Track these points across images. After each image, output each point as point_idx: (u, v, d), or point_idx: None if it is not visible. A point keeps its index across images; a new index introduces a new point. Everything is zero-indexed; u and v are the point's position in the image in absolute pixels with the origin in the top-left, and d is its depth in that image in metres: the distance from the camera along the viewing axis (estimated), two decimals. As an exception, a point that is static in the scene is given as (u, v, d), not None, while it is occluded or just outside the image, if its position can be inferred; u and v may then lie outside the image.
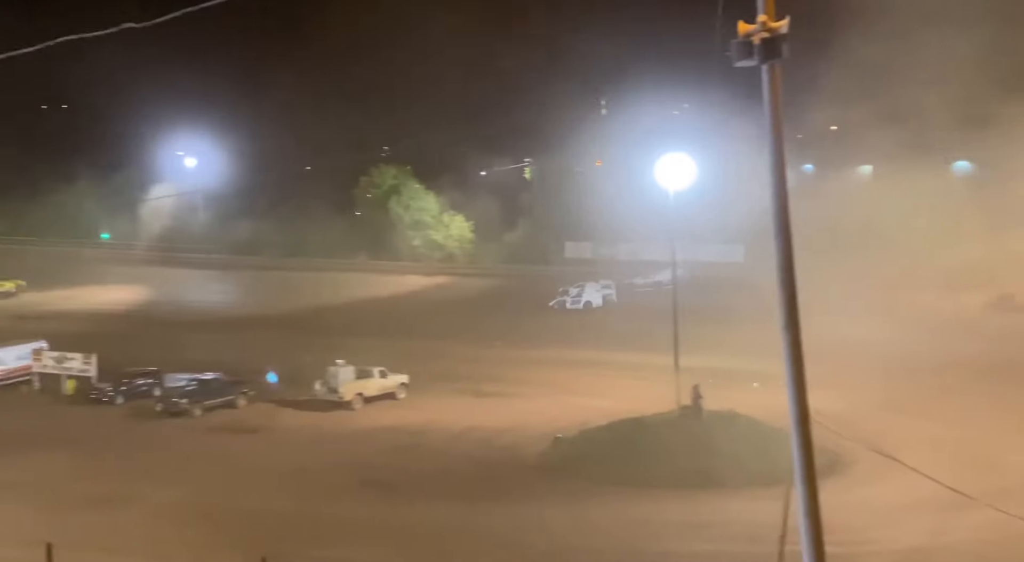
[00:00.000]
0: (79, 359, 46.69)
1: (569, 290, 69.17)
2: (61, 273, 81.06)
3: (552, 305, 68.34)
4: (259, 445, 38.42)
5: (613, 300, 69.36)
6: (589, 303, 68.24)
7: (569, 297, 68.45)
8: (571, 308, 67.61)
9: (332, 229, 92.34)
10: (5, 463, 34.81)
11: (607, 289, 70.43)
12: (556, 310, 67.37)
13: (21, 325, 59.97)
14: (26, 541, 25.12)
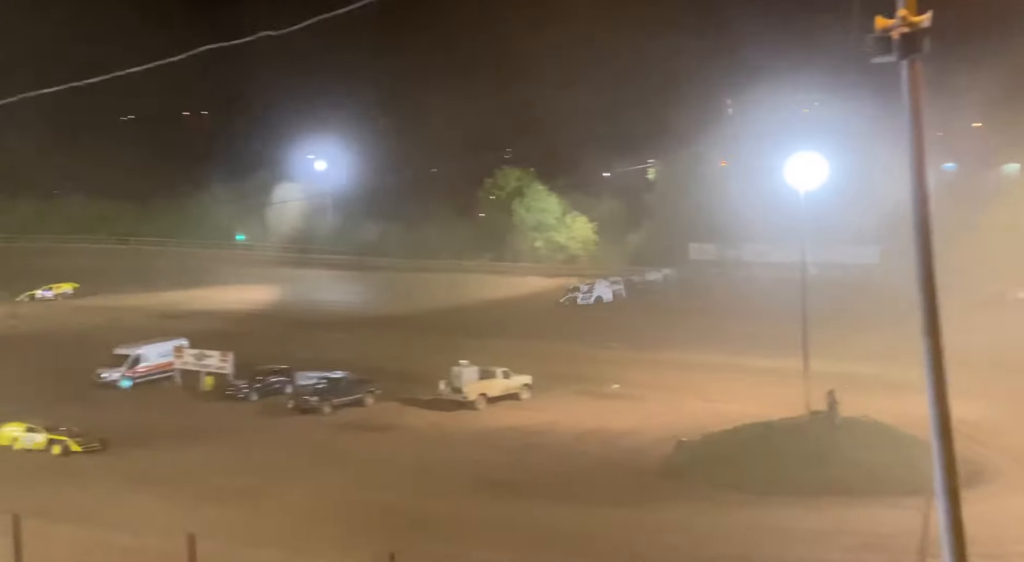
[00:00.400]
0: (216, 356, 48.38)
1: (580, 287, 72.56)
2: (199, 274, 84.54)
3: (562, 301, 71.60)
4: (386, 443, 39.14)
5: (622, 295, 73.20)
6: (600, 298, 71.97)
7: (580, 293, 71.75)
8: (582, 303, 71.01)
9: (456, 231, 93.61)
10: (146, 456, 36.49)
11: (616, 285, 74.14)
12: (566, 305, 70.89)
13: (163, 323, 62.71)
14: (168, 531, 26.28)
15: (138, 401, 45.85)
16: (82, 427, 38.36)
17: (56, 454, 36.85)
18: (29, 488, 31.52)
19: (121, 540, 26.24)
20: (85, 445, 37.23)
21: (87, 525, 26.94)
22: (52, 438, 37.28)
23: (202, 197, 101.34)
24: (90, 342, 54.90)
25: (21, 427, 37.90)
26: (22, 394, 44.23)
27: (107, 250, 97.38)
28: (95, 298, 74.11)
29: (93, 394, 46.69)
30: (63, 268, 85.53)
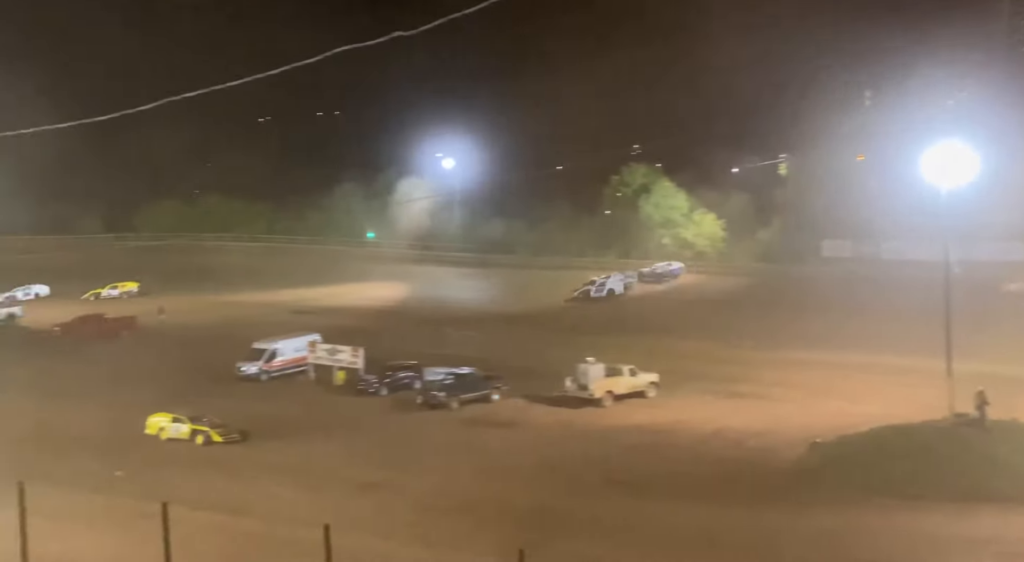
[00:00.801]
0: (348, 352, 49.45)
1: (595, 280, 73.91)
2: (330, 271, 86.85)
3: (576, 295, 72.91)
4: (512, 439, 39.28)
5: (633, 288, 75.77)
6: (612, 291, 73.60)
7: (593, 287, 73.31)
8: (595, 296, 72.60)
9: (582, 228, 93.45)
10: (281, 447, 37.61)
11: (629, 279, 76.39)
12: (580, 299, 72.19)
13: (296, 319, 64.54)
14: (302, 521, 27.00)
15: (274, 394, 47.23)
16: (223, 418, 39.80)
17: (199, 444, 38.31)
18: (174, 476, 32.91)
19: (258, 528, 27.09)
20: (226, 436, 38.61)
21: (226, 513, 27.87)
22: (195, 429, 38.77)
23: (334, 196, 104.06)
24: (230, 336, 56.94)
25: (167, 417, 39.53)
26: (168, 385, 46.33)
27: (243, 248, 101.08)
28: (234, 294, 76.88)
29: (233, 386, 48.40)
30: (201, 265, 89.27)
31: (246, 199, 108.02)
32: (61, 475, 29.34)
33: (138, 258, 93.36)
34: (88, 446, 36.70)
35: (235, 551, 25.64)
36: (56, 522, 21.72)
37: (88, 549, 24.82)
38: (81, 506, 27.05)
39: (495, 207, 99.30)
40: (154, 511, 16.73)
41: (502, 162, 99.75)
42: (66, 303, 65.74)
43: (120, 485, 31.59)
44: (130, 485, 31.33)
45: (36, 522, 16.97)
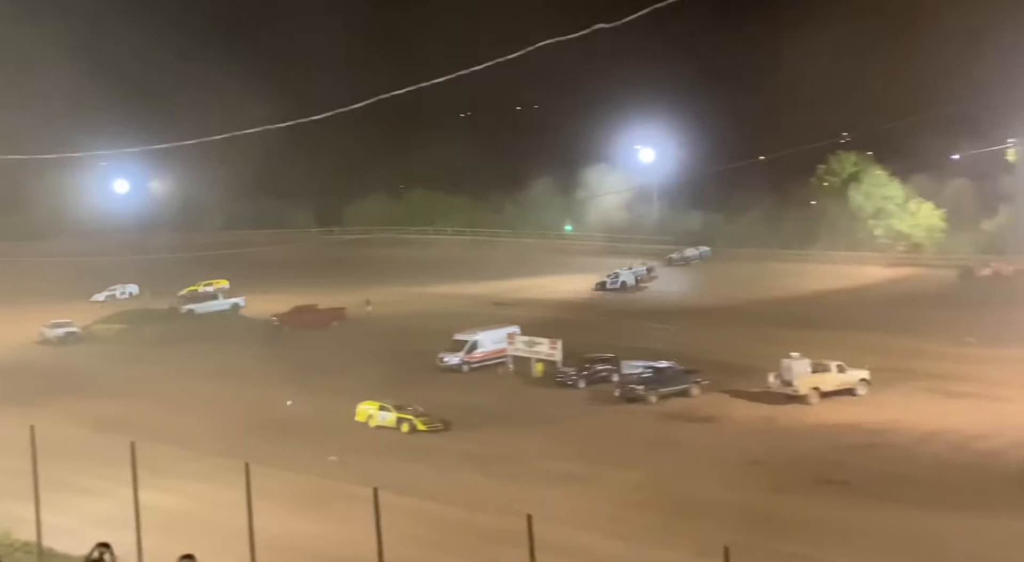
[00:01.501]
0: (546, 344, 49.76)
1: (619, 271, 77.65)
2: (530, 263, 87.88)
3: (595, 288, 76.24)
4: (712, 435, 38.45)
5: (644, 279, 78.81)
6: (624, 283, 76.89)
7: (608, 279, 76.95)
8: (611, 288, 76.02)
9: (785, 219, 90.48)
10: (481, 437, 38.26)
11: (638, 270, 79.49)
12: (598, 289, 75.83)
13: (496, 311, 65.67)
14: (502, 510, 27.37)
15: (475, 385, 48.13)
16: (426, 407, 40.93)
17: (404, 432, 39.53)
18: (381, 462, 34.11)
19: (459, 516, 27.66)
20: (430, 425, 39.66)
21: (430, 499, 28.60)
22: (401, 417, 40.02)
23: (532, 189, 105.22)
24: (432, 327, 58.54)
25: (375, 406, 40.97)
26: (374, 374, 48.11)
27: (445, 241, 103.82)
28: (436, 286, 79.09)
29: (435, 377, 49.72)
30: (405, 257, 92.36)
31: (448, 193, 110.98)
32: (278, 458, 30.88)
33: (344, 251, 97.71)
34: (302, 431, 38.57)
35: (439, 537, 26.30)
36: (276, 502, 22.85)
37: (305, 528, 26.06)
38: (297, 488, 28.42)
39: (693, 199, 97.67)
40: (363, 495, 17.25)
41: (700, 154, 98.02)
42: (281, 295, 69.42)
43: (332, 469, 33.02)
44: (341, 470, 32.71)
45: (258, 502, 17.88)
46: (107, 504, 24.94)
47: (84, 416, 40.01)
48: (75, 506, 25.63)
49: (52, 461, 21.14)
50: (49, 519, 18.90)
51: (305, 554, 23.08)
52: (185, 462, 31.34)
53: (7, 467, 23.47)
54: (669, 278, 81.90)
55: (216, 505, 25.54)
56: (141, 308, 68.61)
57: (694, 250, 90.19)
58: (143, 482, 18.92)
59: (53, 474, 20.86)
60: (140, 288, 77.55)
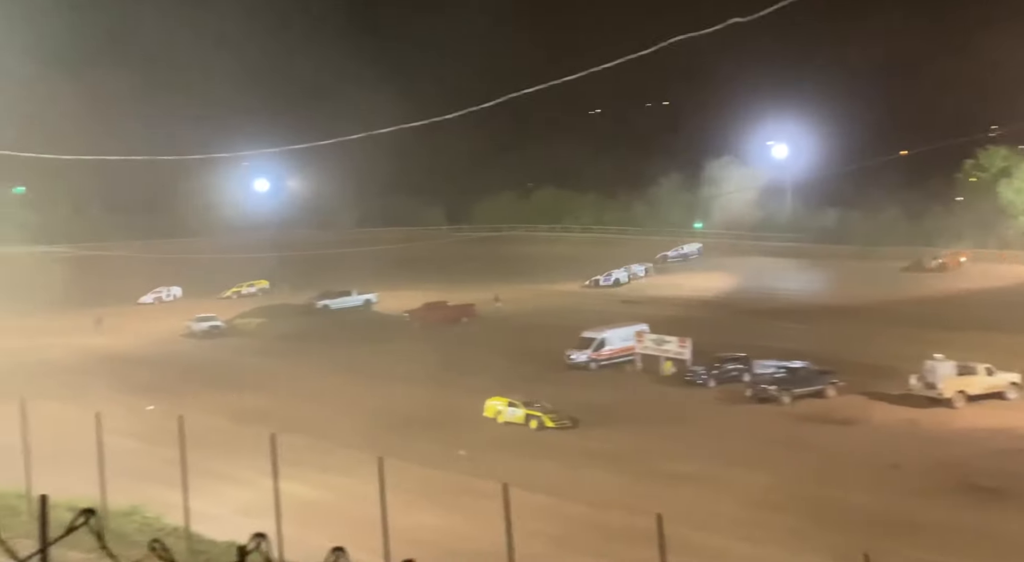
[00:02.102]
0: (675, 342, 49.27)
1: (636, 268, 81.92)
2: (650, 261, 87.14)
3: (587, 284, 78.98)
4: (849, 438, 37.31)
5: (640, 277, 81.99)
6: (618, 280, 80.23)
7: (602, 277, 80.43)
8: (603, 285, 79.29)
9: (929, 216, 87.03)
10: (609, 436, 38.09)
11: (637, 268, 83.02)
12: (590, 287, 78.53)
13: (623, 309, 65.35)
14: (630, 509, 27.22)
15: (602, 383, 47.97)
16: (554, 404, 41.05)
17: (532, 428, 39.75)
18: (509, 458, 34.37)
19: (587, 513, 27.65)
20: (557, 421, 39.76)
21: (558, 496, 28.69)
22: (529, 413, 40.26)
23: (661, 186, 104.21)
24: (560, 324, 58.68)
25: (503, 402, 41.33)
26: (503, 370, 48.51)
27: (573, 238, 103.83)
28: (565, 283, 79.26)
29: (563, 374, 49.80)
30: (533, 255, 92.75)
31: (576, 190, 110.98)
32: (408, 452, 31.47)
33: (473, 248, 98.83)
34: (432, 426, 39.20)
35: (566, 534, 26.34)
36: (407, 495, 23.34)
37: (435, 522, 26.51)
38: (428, 482, 28.93)
39: (828, 196, 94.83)
40: (492, 490, 17.46)
41: (836, 149, 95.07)
42: (413, 291, 70.79)
43: (461, 464, 33.48)
44: (470, 464, 33.13)
45: (391, 495, 18.30)
46: (250, 493, 25.91)
47: (227, 407, 41.67)
48: (220, 494, 26.73)
49: (199, 450, 22.13)
50: (196, 506, 19.76)
51: (436, 547, 23.46)
52: (321, 454, 32.31)
53: (160, 455, 24.69)
54: (802, 276, 79.87)
55: (351, 497, 26.25)
56: (279, 303, 71.01)
57: (693, 247, 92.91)
58: (283, 473, 19.59)
59: (200, 463, 21.82)
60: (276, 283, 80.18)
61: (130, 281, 77.31)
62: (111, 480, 20.14)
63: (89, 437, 20.56)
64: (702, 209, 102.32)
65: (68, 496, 17.73)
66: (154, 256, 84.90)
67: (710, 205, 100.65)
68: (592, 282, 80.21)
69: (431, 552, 23.51)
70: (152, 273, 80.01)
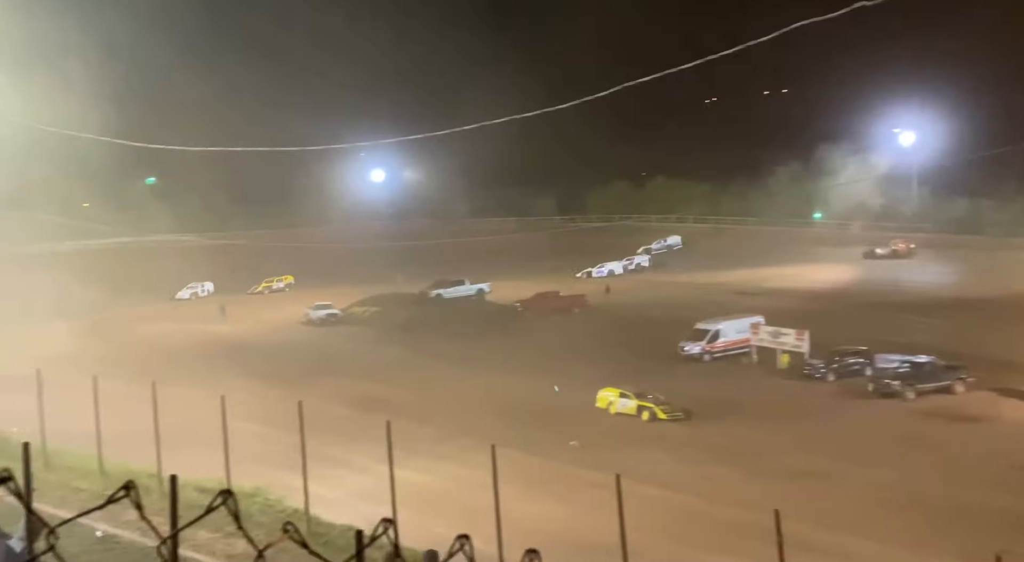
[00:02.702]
0: (792, 335, 48.18)
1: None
2: (775, 252, 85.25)
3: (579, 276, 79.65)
4: (979, 435, 35.82)
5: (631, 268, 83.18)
6: (612, 271, 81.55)
7: (595, 269, 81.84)
8: (596, 276, 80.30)
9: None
10: (722, 429, 37.50)
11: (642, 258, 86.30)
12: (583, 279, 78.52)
13: (739, 300, 64.18)
14: (744, 503, 26.79)
15: (716, 375, 47.26)
16: (666, 396, 40.64)
17: (644, 420, 39.45)
18: (621, 449, 34.19)
19: (700, 507, 27.35)
20: (670, 414, 39.35)
21: (670, 489, 28.46)
22: (641, 405, 39.95)
23: (778, 175, 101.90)
24: (672, 315, 58.02)
25: (615, 392, 41.13)
26: (613, 360, 48.27)
27: (686, 229, 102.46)
28: (677, 273, 78.35)
29: (675, 365, 49.25)
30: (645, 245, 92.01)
31: (690, 180, 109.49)
32: (520, 441, 31.64)
33: (586, 238, 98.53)
34: (543, 416, 39.27)
35: (679, 527, 26.07)
36: (519, 485, 23.48)
37: (547, 512, 26.56)
38: (540, 471, 29.04)
39: (959, 185, 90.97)
40: (604, 481, 17.40)
41: (964, 136, 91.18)
42: (525, 281, 71.09)
43: (572, 454, 33.47)
44: (582, 455, 33.09)
45: (503, 484, 18.41)
46: (366, 479, 26.44)
47: (344, 394, 42.61)
48: (338, 479, 27.36)
49: (318, 436, 22.70)
50: (315, 489, 20.28)
51: (548, 537, 23.47)
52: (435, 442, 32.78)
53: (281, 440, 25.41)
54: (929, 267, 77.05)
55: (464, 484, 26.53)
56: (394, 292, 72.21)
57: (675, 238, 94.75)
58: (398, 460, 19.92)
59: (319, 448, 22.39)
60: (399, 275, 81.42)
61: (253, 270, 79.90)
62: (235, 462, 20.82)
63: (214, 420, 21.29)
64: (821, 198, 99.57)
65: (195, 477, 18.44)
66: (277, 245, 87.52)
67: (831, 194, 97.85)
68: (584, 274, 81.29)
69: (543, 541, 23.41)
70: (273, 262, 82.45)
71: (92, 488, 19.13)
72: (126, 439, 22.42)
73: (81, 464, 21.19)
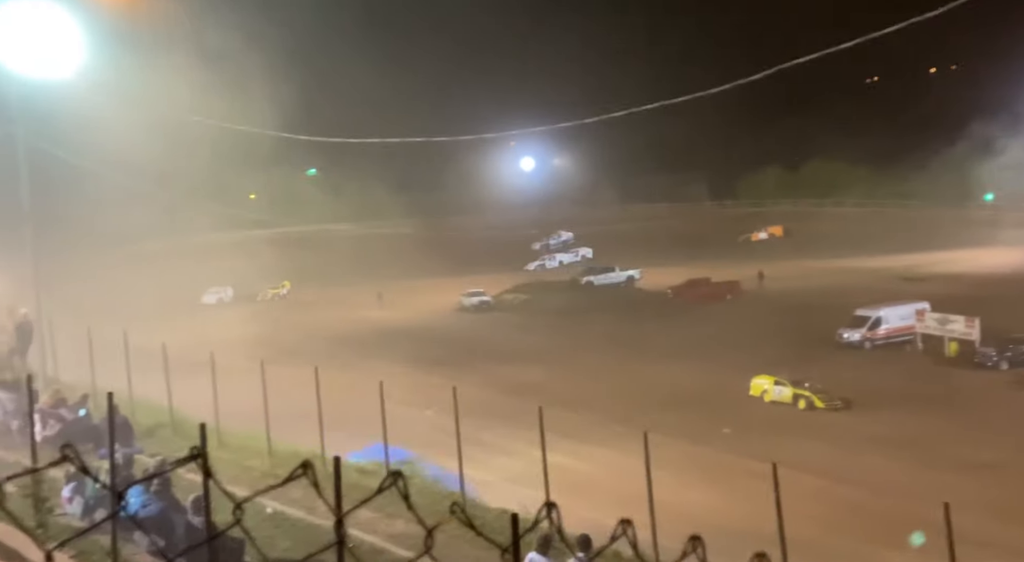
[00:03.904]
0: (961, 322, 46.10)
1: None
2: (942, 236, 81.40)
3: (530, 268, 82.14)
4: None
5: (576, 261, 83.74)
6: (562, 262, 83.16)
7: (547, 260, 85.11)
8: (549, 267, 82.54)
9: None
10: (885, 418, 36.21)
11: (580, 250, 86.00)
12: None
13: (902, 286, 61.66)
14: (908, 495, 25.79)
15: (878, 363, 45.64)
16: (824, 384, 39.48)
17: (800, 408, 38.48)
18: (775, 438, 33.46)
19: (860, 498, 26.51)
20: (828, 402, 38.26)
21: (830, 479, 27.69)
22: (797, 393, 38.99)
23: (944, 156, 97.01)
24: (830, 302, 56.24)
25: (770, 380, 40.28)
26: (768, 348, 47.17)
27: (844, 213, 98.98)
28: (834, 259, 75.77)
29: (834, 353, 47.77)
30: (803, 231, 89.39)
31: (848, 163, 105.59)
32: (672, 428, 31.35)
33: (738, 224, 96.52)
34: (695, 403, 38.84)
35: (839, 518, 25.39)
36: (671, 471, 23.29)
37: (701, 499, 26.30)
38: (692, 459, 28.75)
39: None
40: (758, 470, 17.07)
41: None
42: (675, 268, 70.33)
43: (725, 442, 32.97)
44: (735, 443, 32.56)
45: (655, 470, 18.31)
46: (518, 463, 26.80)
47: (496, 379, 43.24)
48: (491, 462, 27.82)
49: (471, 420, 23.11)
50: (469, 472, 20.68)
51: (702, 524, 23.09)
52: (587, 427, 32.88)
53: (435, 423, 26.06)
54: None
55: (616, 470, 26.52)
56: (543, 279, 72.68)
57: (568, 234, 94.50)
58: (549, 445, 20.08)
59: (472, 432, 22.79)
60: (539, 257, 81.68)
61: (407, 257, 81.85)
62: (392, 445, 21.43)
63: (371, 404, 21.98)
64: (992, 179, 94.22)
65: (355, 458, 19.12)
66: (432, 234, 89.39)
67: (1001, 175, 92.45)
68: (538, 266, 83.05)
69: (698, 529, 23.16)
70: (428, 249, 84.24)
71: (261, 467, 20.06)
72: (290, 421, 23.41)
73: (250, 444, 22.22)
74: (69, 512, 14.84)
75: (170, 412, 23.74)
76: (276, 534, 14.12)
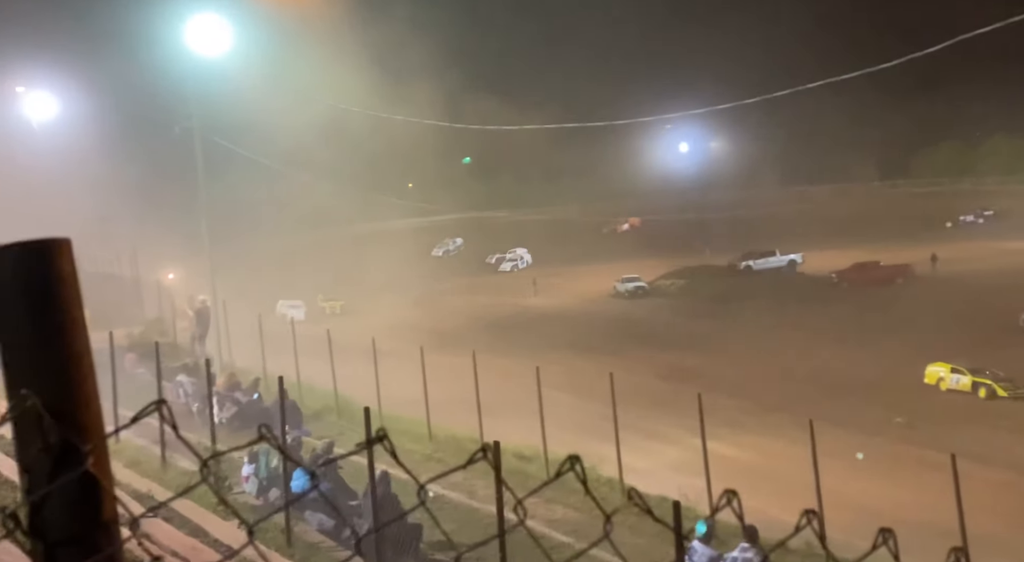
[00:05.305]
0: None
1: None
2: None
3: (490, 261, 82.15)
4: None
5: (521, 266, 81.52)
6: (516, 265, 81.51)
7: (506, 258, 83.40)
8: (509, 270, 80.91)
9: None
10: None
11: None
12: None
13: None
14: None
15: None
16: (1007, 372, 37.25)
17: (981, 397, 36.45)
18: (954, 428, 31.75)
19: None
20: (1012, 391, 36.11)
21: (1017, 472, 26.10)
22: (977, 381, 36.95)
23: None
24: (1013, 286, 53.00)
25: (946, 368, 38.31)
26: (942, 334, 44.80)
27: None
28: (1014, 241, 71.30)
29: (1017, 339, 44.94)
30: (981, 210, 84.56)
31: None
32: (840, 417, 30.22)
33: (910, 204, 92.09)
34: (865, 391, 37.28)
35: None
36: (839, 461, 22.44)
37: (872, 490, 25.18)
38: (861, 448, 27.61)
39: None
40: (934, 461, 16.23)
41: None
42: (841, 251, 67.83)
43: (898, 432, 31.56)
44: (909, 433, 31.12)
45: (822, 459, 17.67)
46: (677, 450, 26.38)
47: (654, 366, 42.74)
48: (649, 449, 27.47)
49: (629, 407, 22.88)
50: (627, 460, 20.47)
51: (876, 516, 22.22)
52: (749, 415, 32.08)
53: (593, 410, 25.92)
54: None
55: (781, 459, 25.72)
56: (701, 265, 71.31)
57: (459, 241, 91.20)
58: (709, 433, 19.65)
59: (629, 419, 22.55)
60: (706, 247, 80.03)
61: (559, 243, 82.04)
62: (548, 431, 21.44)
63: (528, 389, 22.05)
64: None
65: (512, 443, 19.21)
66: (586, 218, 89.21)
67: None
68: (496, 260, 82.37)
69: (872, 521, 22.31)
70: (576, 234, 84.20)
71: (422, 450, 20.45)
72: (447, 406, 23.77)
73: (411, 428, 22.68)
74: (247, 491, 15.54)
75: (335, 396, 24.49)
76: (440, 515, 14.34)
